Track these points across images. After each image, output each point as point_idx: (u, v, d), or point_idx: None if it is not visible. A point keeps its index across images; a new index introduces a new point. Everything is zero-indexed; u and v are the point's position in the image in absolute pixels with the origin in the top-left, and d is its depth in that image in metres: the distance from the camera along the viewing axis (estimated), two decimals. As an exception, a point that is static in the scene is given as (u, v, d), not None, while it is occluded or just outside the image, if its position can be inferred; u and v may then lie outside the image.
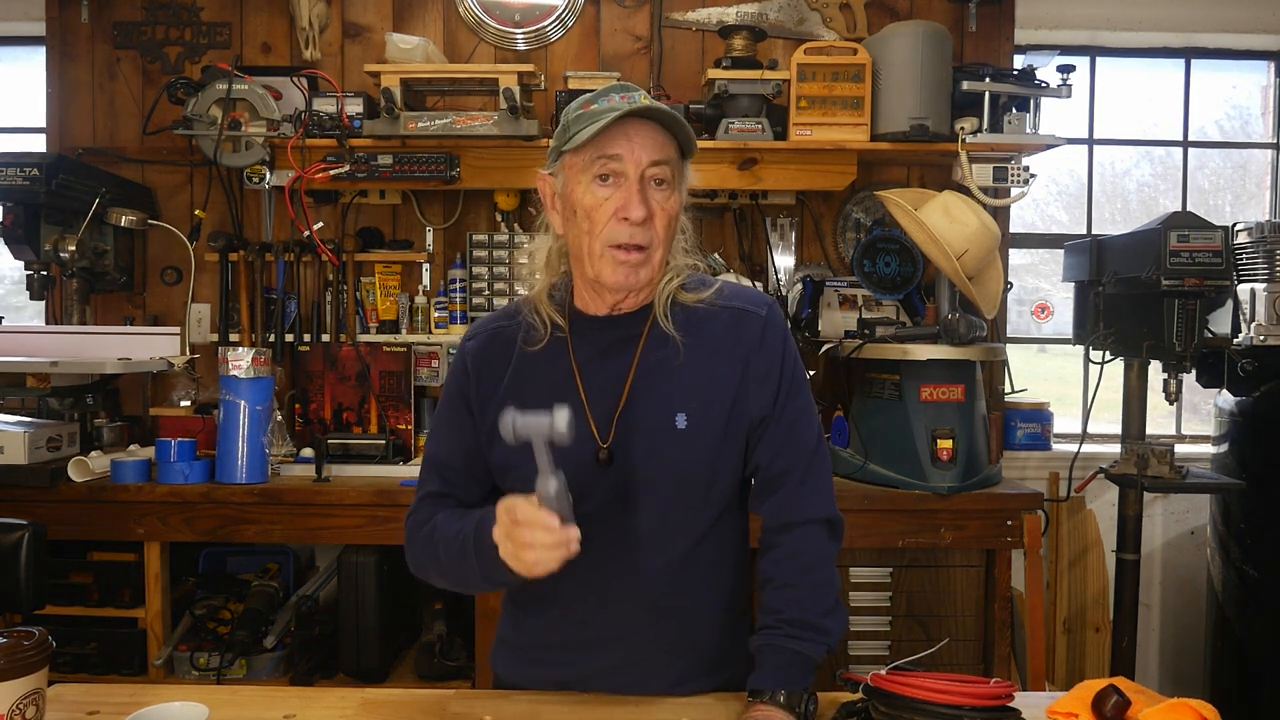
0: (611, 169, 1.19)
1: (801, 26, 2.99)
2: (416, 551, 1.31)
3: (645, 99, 1.20)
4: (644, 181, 1.20)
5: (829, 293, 2.87)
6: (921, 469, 2.39)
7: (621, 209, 1.19)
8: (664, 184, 1.21)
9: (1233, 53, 3.25)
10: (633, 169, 1.19)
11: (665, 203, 1.21)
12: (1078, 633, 3.03)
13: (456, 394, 1.33)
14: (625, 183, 1.19)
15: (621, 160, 1.19)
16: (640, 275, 1.22)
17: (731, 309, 1.30)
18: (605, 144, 1.19)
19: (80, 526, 2.38)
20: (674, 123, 1.20)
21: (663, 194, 1.21)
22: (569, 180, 1.23)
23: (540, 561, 1.09)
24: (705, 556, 1.30)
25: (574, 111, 1.23)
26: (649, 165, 1.19)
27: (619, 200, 1.19)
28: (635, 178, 1.19)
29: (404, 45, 2.71)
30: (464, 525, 1.21)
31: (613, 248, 1.20)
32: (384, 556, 2.46)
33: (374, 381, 2.82)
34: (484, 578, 1.19)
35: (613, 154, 1.19)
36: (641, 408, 1.26)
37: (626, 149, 1.19)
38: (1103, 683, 1.18)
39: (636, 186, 1.19)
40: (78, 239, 2.64)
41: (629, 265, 1.21)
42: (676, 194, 1.23)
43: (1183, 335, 2.32)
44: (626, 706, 1.26)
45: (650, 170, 1.20)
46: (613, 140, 1.18)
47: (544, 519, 1.07)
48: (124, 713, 1.11)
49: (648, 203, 1.19)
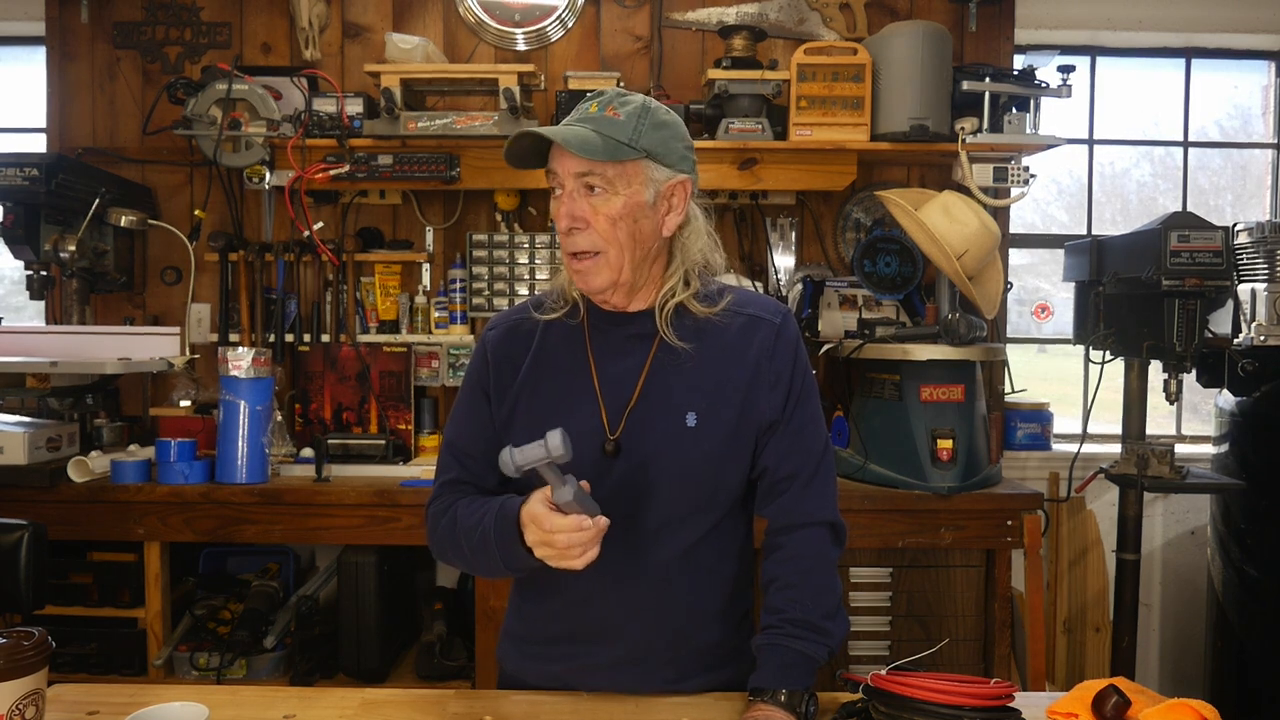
0: (555, 182, 1.26)
1: (801, 26, 2.99)
2: (439, 540, 1.34)
3: (594, 108, 1.25)
4: (579, 189, 1.24)
5: (829, 293, 2.87)
6: (921, 469, 2.39)
7: (559, 217, 1.26)
8: (597, 189, 1.23)
9: (1233, 53, 3.25)
10: (568, 180, 1.24)
11: (603, 205, 1.23)
12: (1078, 633, 3.03)
13: (476, 383, 1.36)
14: (563, 193, 1.26)
15: (556, 174, 1.26)
16: (599, 279, 1.26)
17: (745, 315, 1.32)
18: (550, 158, 1.26)
19: (80, 526, 2.38)
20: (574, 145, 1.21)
21: (599, 198, 1.24)
22: None
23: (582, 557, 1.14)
24: (708, 555, 1.31)
25: None
26: (575, 174, 1.24)
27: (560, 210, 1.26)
28: (570, 188, 1.25)
29: (404, 45, 2.71)
30: (483, 516, 1.24)
31: (569, 256, 1.27)
32: (384, 556, 2.46)
33: (374, 381, 2.82)
34: (506, 566, 1.23)
35: (551, 169, 1.26)
36: (653, 403, 1.28)
37: (558, 161, 1.25)
38: (1103, 683, 1.18)
39: (567, 196, 1.25)
40: (78, 239, 2.63)
41: (581, 272, 1.26)
42: (620, 196, 1.23)
43: (1183, 335, 2.32)
44: (626, 706, 1.26)
45: (582, 179, 1.24)
46: (553, 154, 1.25)
47: (574, 523, 1.12)
48: (124, 713, 1.11)
49: (574, 210, 1.24)
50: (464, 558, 1.30)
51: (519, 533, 1.18)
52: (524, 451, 1.09)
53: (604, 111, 1.24)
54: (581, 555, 1.13)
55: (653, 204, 1.26)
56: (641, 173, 1.25)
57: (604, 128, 1.22)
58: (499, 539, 1.21)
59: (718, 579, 1.33)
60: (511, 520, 1.19)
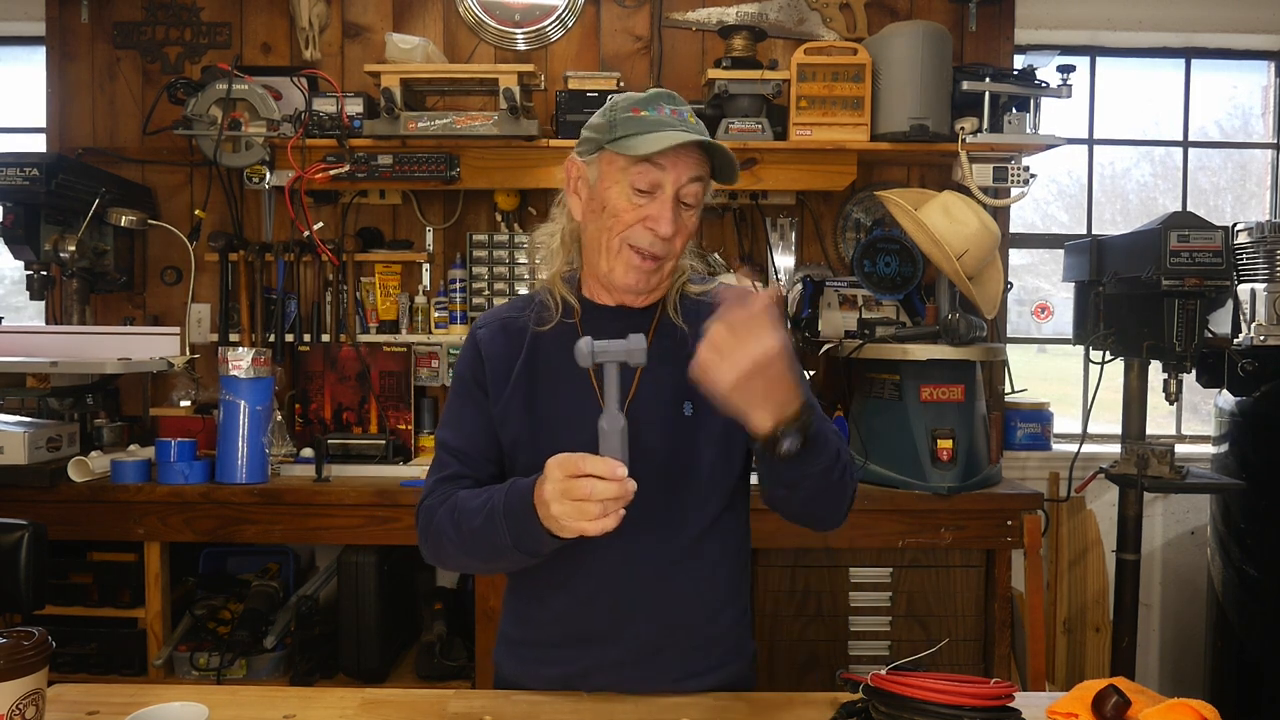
0: (651, 180, 1.23)
1: (801, 26, 2.99)
2: (435, 531, 1.28)
3: (692, 118, 1.26)
4: (677, 199, 1.24)
5: (829, 293, 2.87)
6: (921, 469, 2.39)
7: (652, 220, 1.24)
8: (692, 206, 1.26)
9: (1233, 53, 3.24)
10: (671, 186, 1.24)
11: (689, 220, 1.28)
12: (1078, 633, 3.03)
13: (469, 377, 1.35)
14: (661, 196, 1.24)
15: (664, 173, 1.23)
16: (651, 281, 1.28)
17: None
18: (655, 157, 1.22)
19: (80, 526, 2.38)
20: (719, 153, 1.25)
21: (689, 213, 1.27)
22: (604, 175, 1.27)
23: (599, 520, 1.05)
24: (708, 552, 1.31)
25: (623, 110, 1.26)
26: (686, 183, 1.24)
27: (651, 211, 1.24)
28: (671, 194, 1.24)
29: (404, 45, 2.71)
30: (491, 494, 1.21)
31: (632, 247, 1.25)
32: (384, 556, 2.46)
33: (374, 381, 2.82)
34: (515, 545, 1.16)
35: (659, 165, 1.23)
36: (650, 394, 1.29)
37: (671, 165, 1.23)
38: (1103, 683, 1.18)
39: (671, 203, 1.24)
40: (78, 239, 2.64)
41: (642, 271, 1.26)
42: (697, 213, 1.29)
43: (1183, 335, 2.32)
44: (626, 706, 1.26)
45: (685, 189, 1.24)
46: (660, 153, 1.22)
47: (606, 466, 1.04)
48: (124, 713, 1.11)
49: (675, 219, 1.24)
50: (464, 544, 1.24)
51: (533, 505, 1.12)
52: (604, 344, 1.08)
53: (698, 123, 1.26)
54: (599, 516, 1.05)
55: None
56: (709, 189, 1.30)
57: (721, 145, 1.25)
58: (509, 512, 1.15)
59: (719, 575, 1.33)
60: (526, 491, 1.14)
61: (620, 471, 1.05)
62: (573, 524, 1.07)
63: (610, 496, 1.05)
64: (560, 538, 1.12)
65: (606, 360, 1.08)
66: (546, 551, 1.17)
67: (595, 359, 1.08)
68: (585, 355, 1.09)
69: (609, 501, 1.05)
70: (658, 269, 1.27)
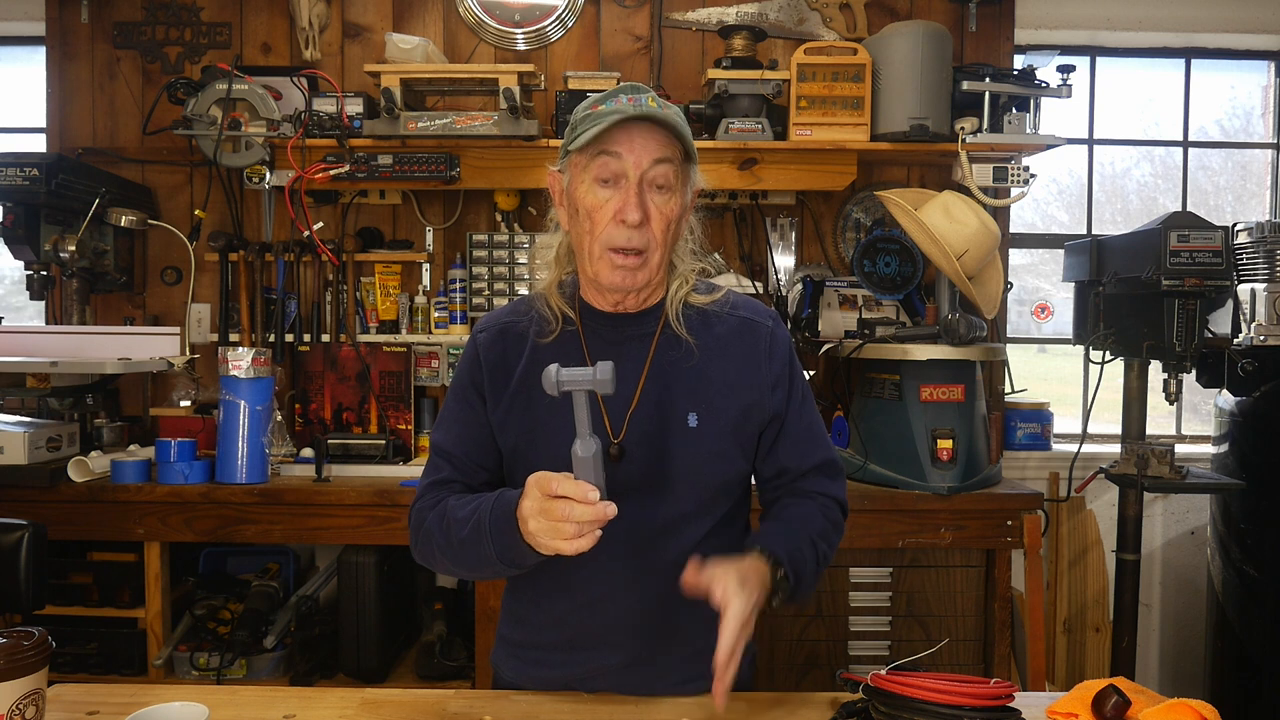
0: (613, 170, 1.20)
1: (801, 26, 2.99)
2: (425, 535, 1.28)
3: (653, 101, 1.21)
4: (644, 184, 1.21)
5: (829, 293, 2.88)
6: (921, 469, 2.39)
7: (619, 211, 1.20)
8: (664, 188, 1.22)
9: (1233, 53, 3.24)
10: (633, 171, 1.20)
11: (664, 206, 1.22)
12: (1078, 633, 3.03)
13: (468, 382, 1.33)
14: (625, 184, 1.21)
15: (622, 161, 1.20)
16: (637, 278, 1.24)
17: (739, 317, 1.34)
18: (608, 145, 1.20)
19: (80, 526, 2.38)
20: (676, 127, 1.21)
21: (663, 197, 1.22)
22: (573, 178, 1.25)
23: (574, 540, 1.05)
24: (711, 557, 1.30)
25: (582, 111, 1.24)
26: (650, 167, 1.20)
27: (618, 202, 1.21)
28: (635, 180, 1.20)
29: (404, 45, 2.71)
30: (479, 505, 1.19)
31: (610, 250, 1.22)
32: (384, 556, 2.46)
33: (374, 381, 2.82)
34: (499, 558, 1.16)
35: (614, 153, 1.20)
36: (654, 405, 1.27)
37: (628, 151, 1.20)
38: (1103, 683, 1.18)
39: (635, 189, 1.20)
40: (78, 239, 2.64)
41: (625, 269, 1.23)
42: (678, 197, 1.24)
43: (1183, 335, 2.32)
44: (626, 706, 1.26)
45: (651, 173, 1.21)
46: (615, 141, 1.20)
47: (581, 490, 1.04)
48: (124, 713, 1.11)
49: (644, 206, 1.20)
50: (451, 551, 1.23)
51: (517, 520, 1.12)
52: (570, 371, 1.06)
53: (661, 107, 1.21)
54: (574, 536, 1.05)
55: (687, 207, 1.28)
56: (690, 175, 1.26)
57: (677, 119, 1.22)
58: (494, 526, 1.15)
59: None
60: (511, 506, 1.13)
61: (593, 496, 1.04)
62: (549, 542, 1.07)
63: (585, 519, 1.04)
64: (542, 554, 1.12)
65: (573, 389, 1.06)
66: (530, 565, 1.16)
67: (561, 389, 1.06)
68: (551, 385, 1.07)
69: (584, 524, 1.05)
70: (642, 264, 1.23)
